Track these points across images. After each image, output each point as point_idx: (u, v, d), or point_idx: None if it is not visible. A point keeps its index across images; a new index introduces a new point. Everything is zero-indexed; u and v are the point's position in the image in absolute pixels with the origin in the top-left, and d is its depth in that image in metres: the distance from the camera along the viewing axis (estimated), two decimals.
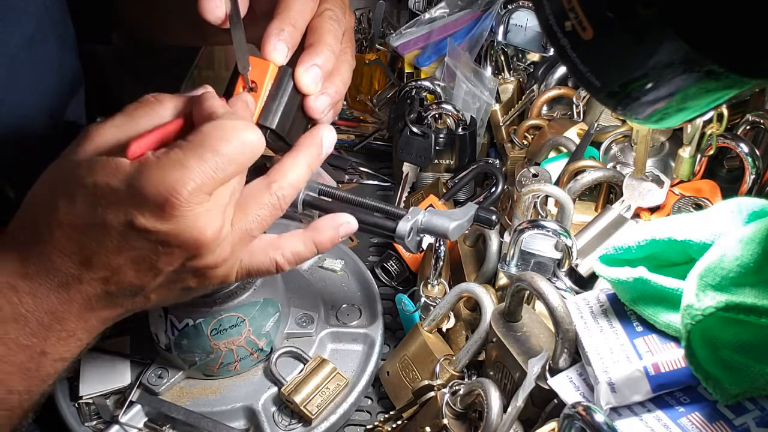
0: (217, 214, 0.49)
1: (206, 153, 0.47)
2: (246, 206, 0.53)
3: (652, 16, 0.33)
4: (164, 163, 0.47)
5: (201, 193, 0.47)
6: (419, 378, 0.69)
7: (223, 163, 0.48)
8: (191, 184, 0.46)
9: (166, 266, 0.50)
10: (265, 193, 0.53)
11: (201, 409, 0.69)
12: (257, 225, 0.53)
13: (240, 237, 0.53)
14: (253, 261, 0.56)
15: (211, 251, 0.50)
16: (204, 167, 0.47)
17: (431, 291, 0.75)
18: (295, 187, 0.55)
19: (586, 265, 0.66)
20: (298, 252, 0.58)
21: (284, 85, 0.56)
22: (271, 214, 0.54)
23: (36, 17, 0.73)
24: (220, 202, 0.50)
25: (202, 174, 0.47)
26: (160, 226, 0.47)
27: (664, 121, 0.40)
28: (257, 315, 0.69)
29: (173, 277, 0.52)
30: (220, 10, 0.54)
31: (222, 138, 0.48)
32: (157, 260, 0.50)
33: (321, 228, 0.58)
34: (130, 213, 0.47)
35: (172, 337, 0.68)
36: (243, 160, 0.49)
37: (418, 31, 1.05)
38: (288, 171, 0.54)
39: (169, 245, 0.49)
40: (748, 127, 0.73)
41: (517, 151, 0.94)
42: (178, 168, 0.46)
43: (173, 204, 0.46)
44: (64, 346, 0.53)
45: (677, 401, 0.49)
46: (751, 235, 0.47)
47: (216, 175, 0.47)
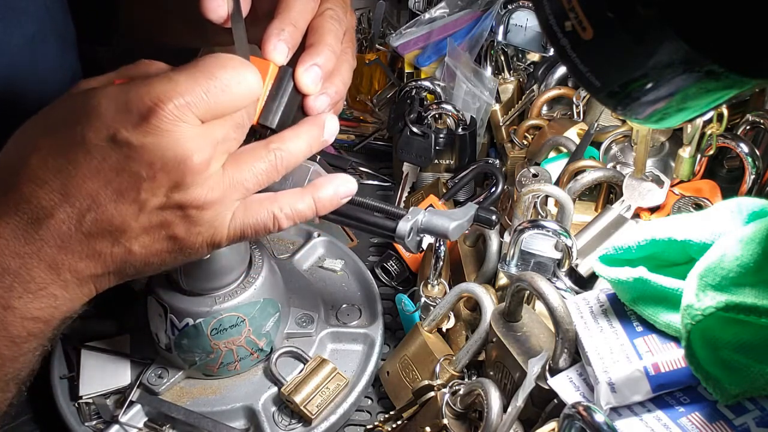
0: (206, 143, 0.47)
1: (198, 73, 0.46)
2: (241, 157, 0.50)
3: (652, 16, 0.33)
4: (152, 79, 0.45)
5: (188, 110, 0.45)
6: (419, 378, 0.69)
7: (215, 87, 0.46)
8: (179, 98, 0.45)
9: (149, 195, 0.47)
10: (262, 149, 0.51)
11: (201, 409, 0.69)
12: (252, 177, 0.50)
13: (231, 184, 0.49)
14: (248, 215, 0.52)
15: (197, 183, 0.47)
16: (194, 86, 0.45)
17: (431, 291, 0.75)
18: (293, 154, 0.52)
19: (586, 265, 0.66)
20: (298, 208, 0.54)
21: (284, 85, 0.56)
22: (267, 171, 0.51)
23: (36, 17, 0.73)
24: (211, 134, 0.47)
25: (192, 92, 0.45)
26: (143, 139, 0.45)
27: (664, 121, 0.40)
28: (257, 315, 0.69)
29: (157, 217, 0.48)
30: (222, 9, 0.54)
31: (219, 65, 0.46)
32: (139, 186, 0.46)
33: (321, 185, 0.56)
34: (112, 127, 0.45)
35: (172, 337, 0.68)
36: (237, 91, 0.47)
37: (418, 31, 1.05)
38: (287, 139, 0.53)
39: (151, 165, 0.45)
40: (748, 127, 0.73)
41: (517, 151, 0.94)
42: (166, 82, 0.45)
43: (157, 113, 0.44)
44: (33, 302, 0.48)
45: (677, 401, 0.49)
46: (751, 235, 0.47)
47: (207, 98, 0.46)
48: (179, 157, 0.46)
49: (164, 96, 0.44)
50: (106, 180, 0.46)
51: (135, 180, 0.46)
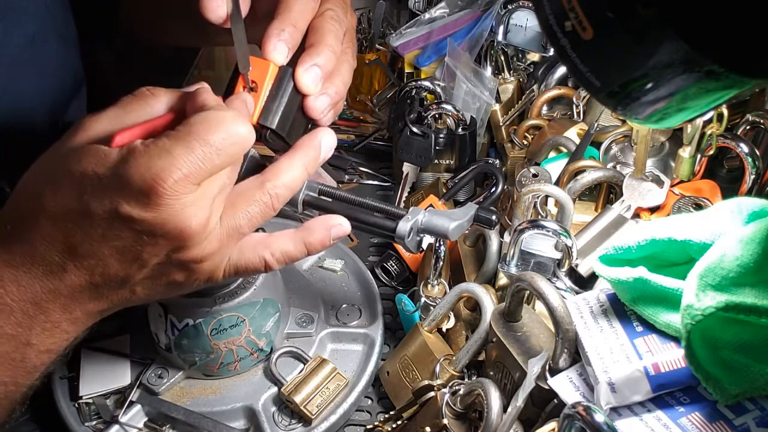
0: (204, 205, 0.49)
1: (193, 142, 0.47)
2: (236, 202, 0.52)
3: (652, 16, 0.33)
4: (151, 151, 0.46)
5: (187, 182, 0.47)
6: (419, 378, 0.69)
7: (210, 153, 0.47)
8: (177, 172, 0.46)
9: (151, 257, 0.50)
10: (257, 191, 0.53)
11: (201, 409, 0.69)
12: (247, 222, 0.53)
13: (228, 233, 0.52)
14: (241, 258, 0.55)
15: (196, 243, 0.50)
16: (191, 156, 0.46)
17: (431, 291, 0.75)
18: (289, 188, 0.54)
19: (586, 265, 0.66)
20: (288, 252, 0.57)
21: (284, 85, 0.56)
22: (262, 213, 0.53)
23: (37, 17, 0.73)
24: (207, 194, 0.49)
25: (189, 163, 0.46)
26: (144, 215, 0.47)
27: (664, 121, 0.40)
28: (257, 315, 0.69)
29: (159, 270, 0.52)
30: (222, 10, 0.54)
31: (210, 129, 0.47)
32: (141, 250, 0.49)
33: (312, 229, 0.58)
34: (115, 201, 0.47)
35: (172, 337, 0.68)
36: (232, 151, 0.48)
37: (418, 31, 1.05)
38: (283, 172, 0.54)
39: (153, 235, 0.48)
40: (748, 127, 0.73)
41: (517, 151, 0.94)
42: (165, 156, 0.46)
43: (158, 192, 0.46)
44: (49, 338, 0.52)
45: (677, 401, 0.49)
46: (751, 235, 0.47)
47: (203, 165, 0.47)
48: (179, 227, 0.48)
49: (163, 173, 0.46)
50: (110, 245, 0.49)
51: (138, 245, 0.49)
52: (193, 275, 0.53)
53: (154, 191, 0.46)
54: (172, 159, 0.46)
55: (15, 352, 0.52)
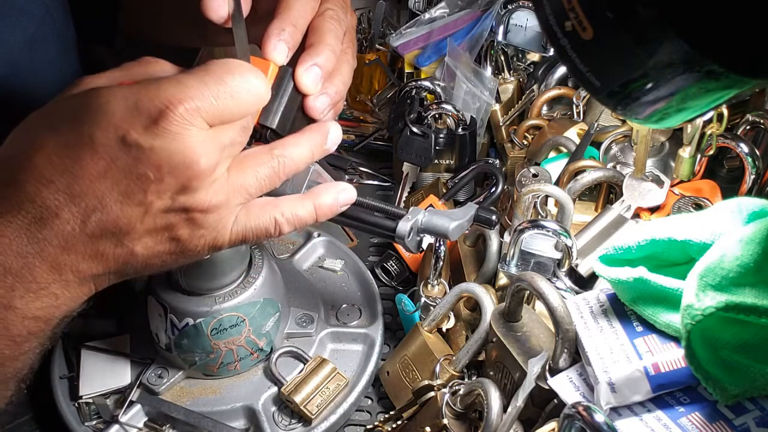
0: (213, 147, 0.47)
1: (208, 78, 0.46)
2: (245, 162, 0.51)
3: (652, 16, 0.33)
4: (162, 81, 0.45)
5: (198, 115, 0.45)
6: (419, 378, 0.69)
7: (225, 93, 0.46)
8: (189, 101, 0.45)
9: (155, 198, 0.47)
10: (265, 154, 0.52)
11: (201, 408, 0.69)
12: (255, 182, 0.51)
13: (235, 188, 0.50)
14: (250, 219, 0.52)
15: (203, 186, 0.47)
16: (205, 91, 0.45)
17: (431, 291, 0.75)
18: (295, 161, 0.53)
19: (586, 265, 0.66)
20: (298, 213, 0.54)
21: (284, 85, 0.56)
22: (269, 176, 0.52)
23: (37, 18, 0.73)
24: (218, 139, 0.47)
25: (202, 96, 0.45)
26: (152, 141, 0.44)
27: (664, 121, 0.40)
28: (257, 315, 0.69)
29: (162, 220, 0.48)
30: (223, 9, 0.54)
31: (228, 71, 0.47)
32: (146, 189, 0.46)
33: (320, 192, 0.56)
34: (121, 128, 0.44)
35: (172, 337, 0.68)
36: (246, 99, 0.47)
37: (418, 31, 1.05)
38: (290, 145, 0.53)
39: (159, 168, 0.45)
40: (748, 127, 0.73)
41: (517, 151, 0.94)
42: (176, 85, 0.45)
43: (167, 116, 0.44)
44: (35, 301, 0.48)
45: (677, 401, 0.49)
46: (751, 235, 0.47)
47: (216, 103, 0.46)
48: (187, 161, 0.46)
49: (174, 99, 0.44)
50: (113, 181, 0.46)
51: (142, 182, 0.46)
52: (198, 231, 0.50)
53: (164, 115, 0.44)
54: (185, 88, 0.45)
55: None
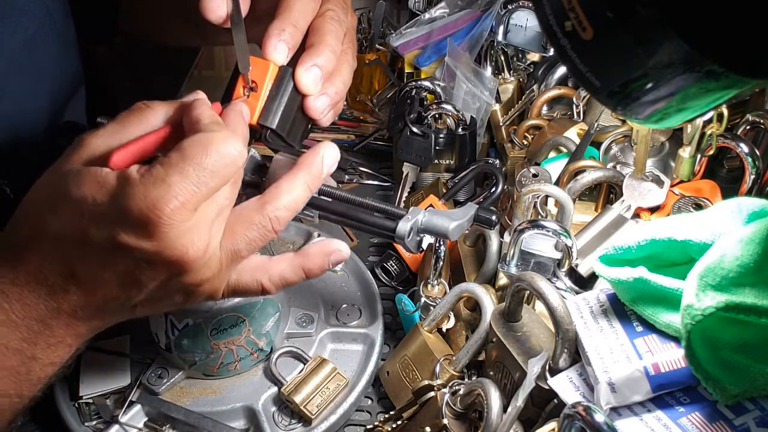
0: (202, 231, 0.49)
1: (187, 168, 0.47)
2: (236, 226, 0.53)
3: (652, 16, 0.33)
4: (146, 180, 0.47)
5: (184, 210, 0.47)
6: (419, 378, 0.69)
7: (204, 176, 0.47)
8: (174, 201, 0.46)
9: (151, 281, 0.51)
10: (256, 215, 0.53)
11: (201, 409, 0.69)
12: (246, 246, 0.53)
13: (228, 257, 0.53)
14: (240, 281, 0.56)
15: (195, 269, 0.50)
16: (186, 183, 0.47)
17: (431, 291, 0.75)
18: (290, 209, 0.54)
19: (586, 265, 0.66)
20: (285, 277, 0.58)
21: (284, 85, 0.56)
22: (262, 236, 0.54)
23: (37, 17, 0.73)
24: (205, 219, 0.50)
25: (185, 190, 0.47)
26: (143, 244, 0.48)
27: (664, 121, 0.40)
28: (257, 315, 0.69)
29: (158, 292, 0.52)
30: (222, 10, 0.54)
31: (202, 152, 0.48)
32: (141, 276, 0.50)
33: (311, 254, 0.58)
34: (113, 229, 0.47)
35: (172, 337, 0.68)
36: (225, 172, 0.49)
37: (418, 31, 1.05)
38: (284, 193, 0.54)
39: (152, 262, 0.49)
40: (748, 127, 0.73)
41: (517, 151, 0.94)
42: (160, 185, 0.46)
43: (155, 222, 0.47)
44: (53, 352, 0.54)
45: (677, 401, 0.49)
46: (751, 235, 0.47)
47: (198, 190, 0.47)
48: (177, 254, 0.49)
49: (159, 203, 0.46)
50: (109, 270, 0.50)
51: (137, 270, 0.50)
52: (192, 297, 0.54)
53: (152, 221, 0.46)
54: (167, 187, 0.46)
55: (21, 366, 0.53)
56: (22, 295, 0.51)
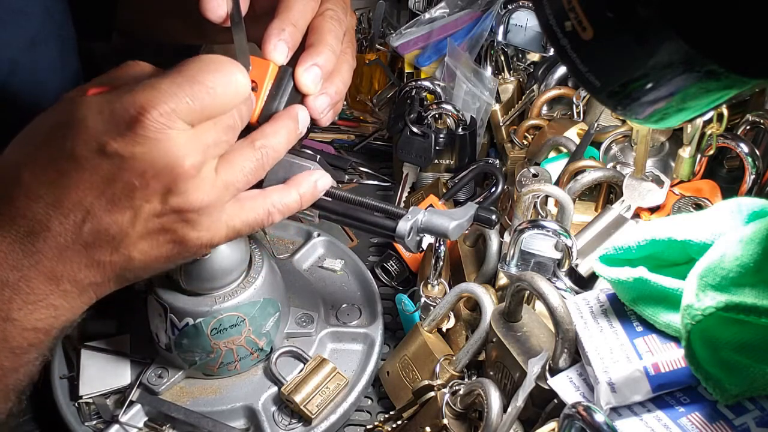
0: (196, 147, 0.47)
1: (181, 78, 0.46)
2: (231, 158, 0.51)
3: (652, 16, 0.33)
4: (135, 87, 0.45)
5: (175, 117, 0.45)
6: (419, 378, 0.69)
7: (200, 91, 0.46)
8: (162, 105, 0.45)
9: (143, 203, 0.47)
10: (249, 148, 0.52)
11: (201, 408, 0.69)
12: (242, 177, 0.52)
13: (225, 185, 0.50)
14: (243, 213, 0.53)
15: (190, 187, 0.48)
16: (178, 92, 0.45)
17: (431, 291, 0.75)
18: (276, 150, 0.53)
19: (586, 265, 0.66)
20: (287, 202, 0.56)
21: (284, 85, 0.56)
22: (255, 169, 0.52)
23: (37, 19, 0.73)
24: (201, 139, 0.47)
25: (175, 98, 0.45)
26: (132, 149, 0.45)
27: (664, 121, 0.40)
28: (257, 315, 0.69)
29: (154, 224, 0.48)
30: (222, 9, 0.54)
31: (202, 68, 0.46)
32: (132, 195, 0.46)
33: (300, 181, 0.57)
34: (100, 138, 0.45)
35: (172, 337, 0.68)
36: (225, 92, 0.47)
37: (418, 31, 1.05)
38: (270, 135, 0.53)
39: (143, 174, 0.46)
40: (748, 127, 0.73)
41: (517, 151, 0.94)
42: (149, 89, 0.45)
43: (143, 123, 0.44)
44: (33, 313, 0.48)
45: (677, 401, 0.49)
46: (751, 235, 0.47)
47: (192, 102, 0.46)
48: (170, 164, 0.46)
49: (148, 104, 0.44)
50: (98, 191, 0.46)
51: (127, 189, 0.46)
52: (194, 232, 0.50)
53: (139, 122, 0.44)
54: (157, 92, 0.45)
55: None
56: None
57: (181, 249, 0.51)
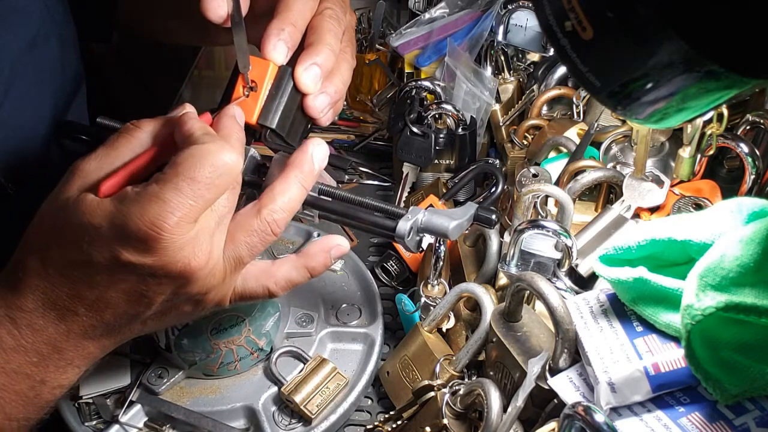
0: (203, 241, 0.50)
1: (181, 182, 0.47)
2: (236, 234, 0.53)
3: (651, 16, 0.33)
4: (142, 199, 0.47)
5: (183, 223, 0.48)
6: (419, 378, 0.69)
7: (200, 189, 0.48)
8: (172, 217, 0.47)
9: (157, 296, 0.51)
10: (255, 220, 0.53)
11: (201, 408, 0.69)
12: (248, 252, 0.54)
13: (231, 265, 0.53)
14: (246, 287, 0.57)
15: (199, 279, 0.51)
16: (181, 198, 0.47)
17: (431, 291, 0.75)
18: (287, 210, 0.54)
19: (586, 265, 0.66)
20: (291, 278, 0.59)
21: (284, 85, 0.56)
22: (262, 240, 0.54)
23: (38, 19, 0.73)
24: (205, 229, 0.50)
25: (181, 205, 0.47)
26: (144, 260, 0.48)
27: (664, 121, 0.40)
28: (257, 314, 0.69)
29: (167, 305, 0.53)
30: (222, 9, 0.54)
31: (196, 165, 0.48)
32: (147, 290, 0.50)
33: (312, 254, 0.59)
34: (114, 249, 0.48)
35: (172, 337, 0.68)
36: (221, 182, 0.49)
37: (418, 31, 1.05)
38: (278, 195, 0.54)
39: (156, 276, 0.49)
40: (748, 127, 0.73)
41: (517, 151, 0.94)
42: (155, 202, 0.47)
43: (156, 238, 0.47)
44: (62, 374, 0.54)
45: (677, 401, 0.49)
46: (751, 235, 0.47)
47: (195, 203, 0.48)
48: (180, 267, 0.49)
49: (158, 220, 0.47)
50: (116, 289, 0.50)
51: (143, 286, 0.50)
52: (200, 305, 0.55)
53: (152, 238, 0.47)
54: (163, 204, 0.47)
55: (30, 390, 0.53)
56: (32, 320, 0.51)
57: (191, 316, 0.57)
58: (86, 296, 0.51)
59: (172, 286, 0.51)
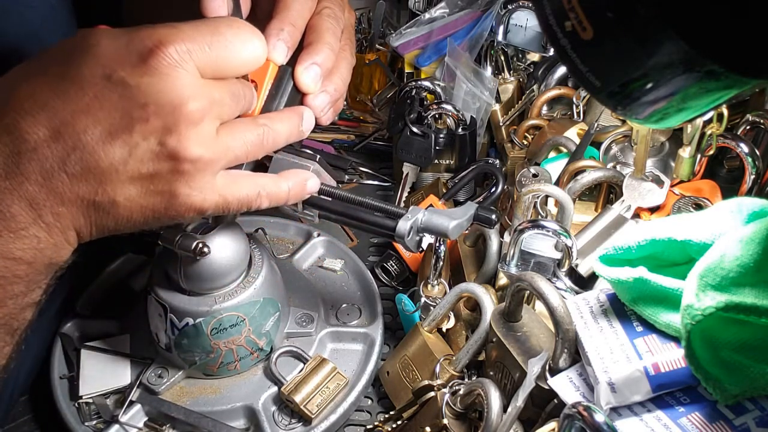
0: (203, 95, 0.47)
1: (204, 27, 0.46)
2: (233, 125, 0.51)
3: (652, 16, 0.33)
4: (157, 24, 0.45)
5: (189, 57, 0.45)
6: (419, 378, 0.69)
7: (219, 42, 0.46)
8: (180, 43, 0.45)
9: (141, 139, 0.45)
10: (251, 123, 0.52)
11: (201, 408, 0.69)
12: (241, 145, 0.51)
13: (223, 148, 0.49)
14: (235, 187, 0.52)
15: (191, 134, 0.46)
16: (198, 36, 0.45)
17: (431, 291, 0.75)
18: (279, 134, 0.54)
19: (586, 265, 0.66)
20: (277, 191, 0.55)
21: (284, 85, 0.56)
22: (255, 144, 0.52)
23: (41, 13, 0.73)
24: (208, 91, 0.47)
25: (194, 41, 0.45)
26: (140, 79, 0.44)
27: (664, 121, 0.40)
28: (257, 314, 0.69)
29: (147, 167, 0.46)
30: (222, 9, 0.54)
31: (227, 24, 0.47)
32: (131, 128, 0.45)
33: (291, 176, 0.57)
34: (109, 66, 0.44)
35: (172, 337, 0.68)
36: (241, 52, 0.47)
37: (418, 31, 1.05)
38: (274, 119, 0.54)
39: (145, 106, 0.44)
40: (748, 127, 0.73)
41: (517, 151, 0.94)
42: (169, 27, 0.45)
43: (157, 54, 0.44)
44: (14, 241, 0.46)
45: (677, 401, 0.49)
46: (751, 235, 0.47)
47: (209, 50, 0.46)
48: (174, 102, 0.45)
49: (166, 39, 0.44)
50: (96, 118, 0.44)
51: (127, 120, 0.45)
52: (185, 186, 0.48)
53: (153, 54, 0.44)
54: (177, 31, 0.45)
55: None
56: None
57: (169, 204, 0.49)
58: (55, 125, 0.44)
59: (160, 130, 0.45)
